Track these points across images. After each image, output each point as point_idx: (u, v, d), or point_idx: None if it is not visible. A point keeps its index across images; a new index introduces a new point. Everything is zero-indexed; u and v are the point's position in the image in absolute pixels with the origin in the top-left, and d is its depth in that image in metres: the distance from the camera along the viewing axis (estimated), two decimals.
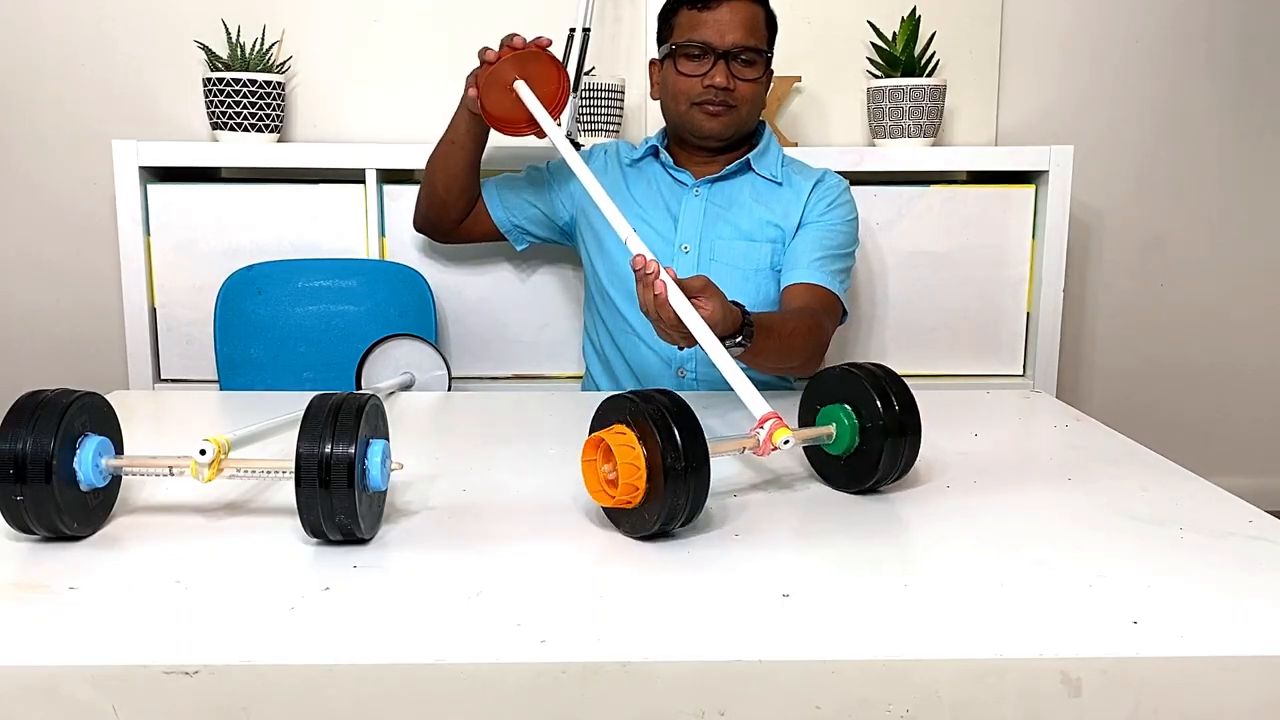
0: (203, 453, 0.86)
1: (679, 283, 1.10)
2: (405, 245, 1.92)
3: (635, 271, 1.12)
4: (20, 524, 0.84)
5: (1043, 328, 1.97)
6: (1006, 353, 2.01)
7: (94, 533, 0.89)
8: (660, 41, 1.61)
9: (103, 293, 2.15)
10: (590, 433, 0.91)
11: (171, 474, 0.89)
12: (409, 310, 1.84)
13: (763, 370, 1.42)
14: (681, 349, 1.18)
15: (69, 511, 0.85)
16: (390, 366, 1.54)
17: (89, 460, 0.86)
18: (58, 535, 0.86)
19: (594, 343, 1.70)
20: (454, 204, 1.66)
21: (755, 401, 0.96)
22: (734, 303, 1.22)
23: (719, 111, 1.54)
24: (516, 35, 1.44)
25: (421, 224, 1.74)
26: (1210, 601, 0.77)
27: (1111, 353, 2.35)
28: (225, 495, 1.01)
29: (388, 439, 0.92)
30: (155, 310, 1.93)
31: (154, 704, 0.66)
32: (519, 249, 1.75)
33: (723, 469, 1.10)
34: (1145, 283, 2.33)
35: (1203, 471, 1.07)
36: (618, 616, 0.73)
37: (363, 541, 0.86)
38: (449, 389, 1.56)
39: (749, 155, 1.59)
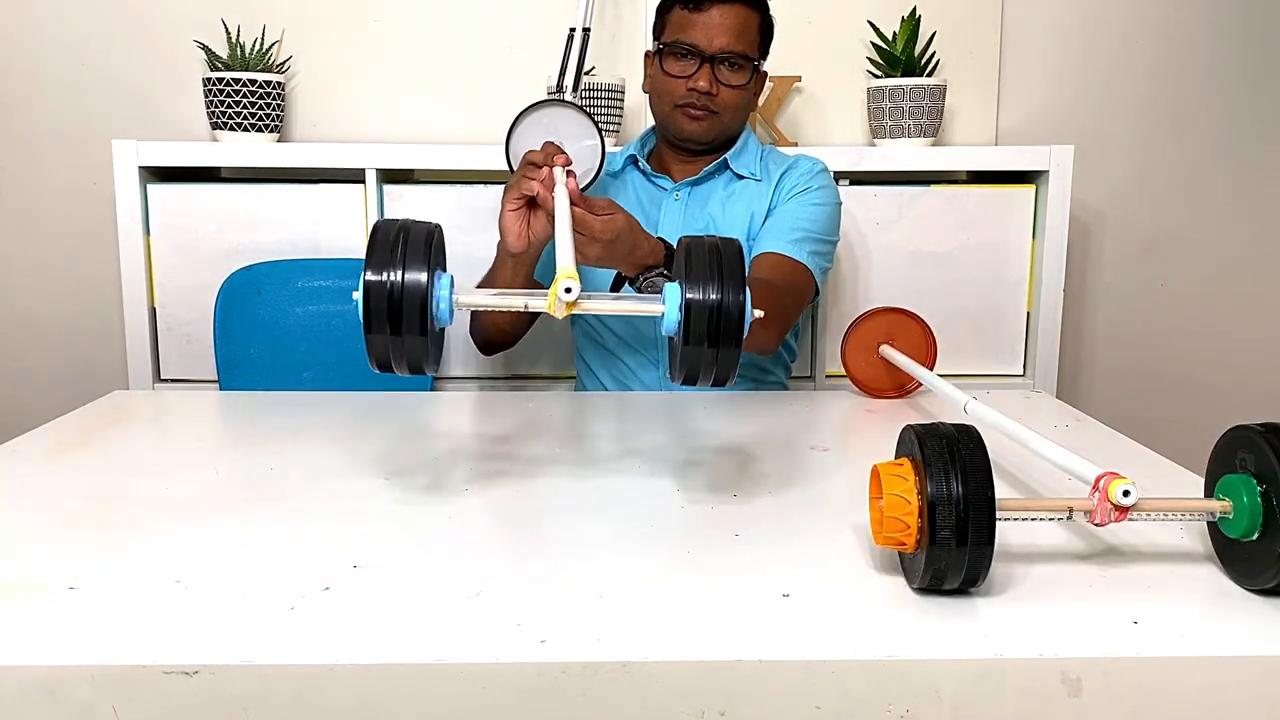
0: (568, 290, 0.82)
1: (585, 197, 1.18)
2: None
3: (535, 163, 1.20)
4: (386, 363, 0.83)
5: (1043, 328, 1.97)
6: (1006, 353, 2.01)
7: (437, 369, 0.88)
8: (655, 36, 1.61)
9: (103, 292, 2.15)
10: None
11: (527, 309, 0.87)
12: None
13: None
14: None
15: (433, 348, 0.84)
16: (539, 137, 1.44)
17: (446, 299, 0.83)
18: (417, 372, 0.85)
19: (582, 355, 1.70)
20: (521, 330, 1.62)
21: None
22: (662, 240, 1.28)
23: (700, 115, 1.54)
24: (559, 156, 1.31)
25: (490, 350, 1.69)
26: (1210, 601, 0.77)
27: (1111, 353, 2.35)
28: (227, 494, 1.01)
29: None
30: (155, 310, 1.93)
31: (154, 704, 0.66)
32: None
33: (729, 469, 1.10)
34: (1145, 283, 2.32)
35: (1202, 471, 1.06)
36: (618, 616, 0.73)
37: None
38: (602, 158, 1.47)
39: (726, 155, 1.59)
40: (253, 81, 1.93)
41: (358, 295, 0.80)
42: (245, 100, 1.93)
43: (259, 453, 1.18)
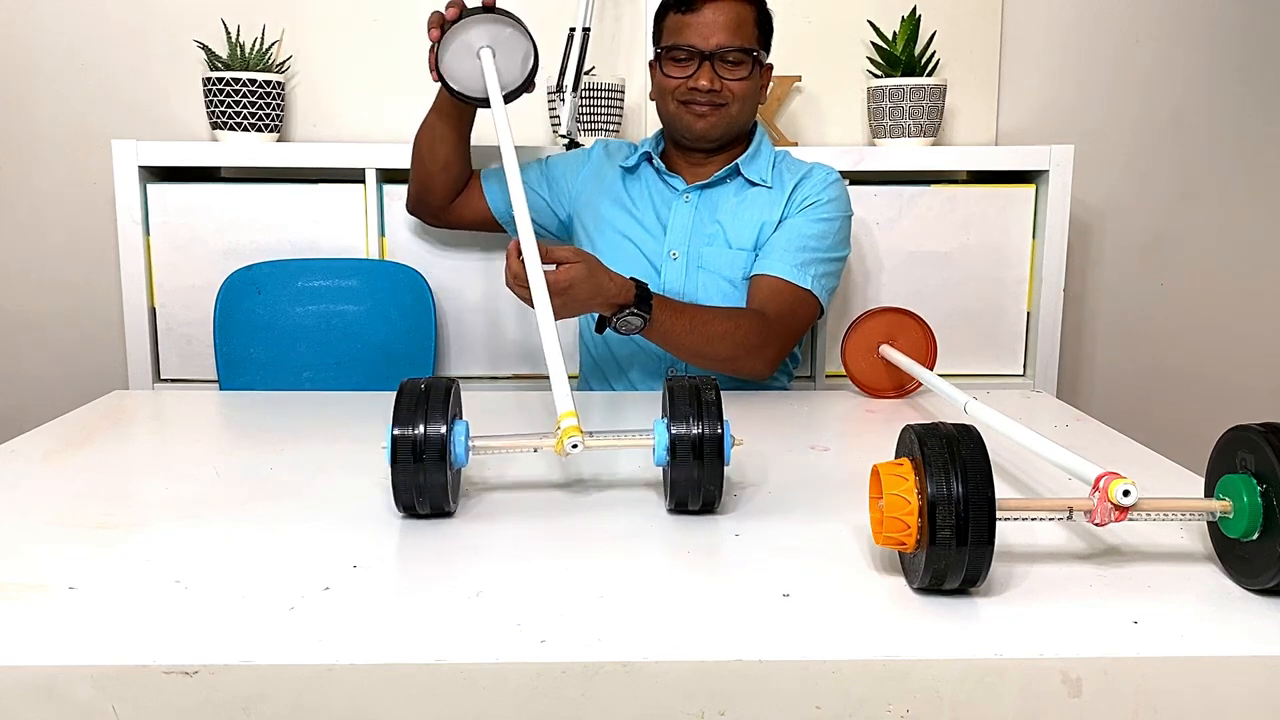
0: (574, 446, 0.91)
1: (545, 248, 1.21)
2: (405, 245, 1.92)
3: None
4: (410, 504, 0.91)
5: (1043, 328, 1.97)
6: (1006, 353, 2.01)
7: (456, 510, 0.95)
8: (654, 43, 1.61)
9: (102, 293, 2.15)
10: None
11: (536, 451, 0.97)
12: (409, 310, 1.84)
13: (691, 360, 1.44)
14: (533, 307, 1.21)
15: (451, 489, 0.92)
16: (466, 53, 1.49)
17: (463, 442, 0.92)
18: (439, 513, 0.92)
19: (587, 345, 1.70)
20: (438, 180, 1.65)
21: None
22: (633, 279, 1.31)
23: (706, 111, 1.54)
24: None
25: (412, 205, 1.75)
26: (1210, 601, 0.77)
27: (1111, 353, 2.35)
28: (227, 494, 1.01)
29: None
30: (155, 310, 1.93)
31: (154, 704, 0.66)
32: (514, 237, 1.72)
33: (729, 468, 1.10)
34: (1145, 283, 2.32)
35: (1202, 471, 1.06)
36: (618, 616, 0.73)
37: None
38: (534, 60, 1.50)
39: (738, 160, 1.59)
40: (253, 81, 1.93)
41: (384, 447, 0.89)
42: (245, 100, 1.93)
43: (259, 453, 1.18)
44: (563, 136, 1.91)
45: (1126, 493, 0.76)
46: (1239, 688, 0.68)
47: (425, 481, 0.89)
